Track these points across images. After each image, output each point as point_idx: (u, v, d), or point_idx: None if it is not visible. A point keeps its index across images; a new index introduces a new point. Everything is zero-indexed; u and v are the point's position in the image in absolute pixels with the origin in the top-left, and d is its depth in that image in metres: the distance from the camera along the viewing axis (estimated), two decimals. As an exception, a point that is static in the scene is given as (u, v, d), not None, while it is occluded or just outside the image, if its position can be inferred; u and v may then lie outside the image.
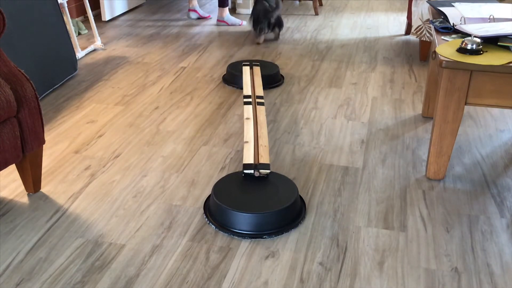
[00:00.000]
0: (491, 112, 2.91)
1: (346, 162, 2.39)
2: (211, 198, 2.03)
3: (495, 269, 1.74)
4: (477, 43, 2.04)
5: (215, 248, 1.82)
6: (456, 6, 2.59)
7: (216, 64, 3.63)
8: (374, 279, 1.69)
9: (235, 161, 2.39)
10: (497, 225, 1.96)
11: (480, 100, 2.07)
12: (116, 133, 2.63)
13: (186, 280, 1.68)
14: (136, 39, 4.16)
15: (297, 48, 3.99)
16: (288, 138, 2.60)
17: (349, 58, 3.77)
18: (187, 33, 4.36)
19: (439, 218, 2.00)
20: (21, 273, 1.69)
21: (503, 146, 2.55)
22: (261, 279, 1.68)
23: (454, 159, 2.41)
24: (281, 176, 2.12)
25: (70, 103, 2.95)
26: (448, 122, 2.13)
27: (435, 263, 1.76)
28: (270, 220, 1.90)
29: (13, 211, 2.00)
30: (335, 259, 1.78)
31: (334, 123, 2.77)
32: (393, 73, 3.49)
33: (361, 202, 2.10)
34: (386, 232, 1.92)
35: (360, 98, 3.09)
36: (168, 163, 2.37)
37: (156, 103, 2.99)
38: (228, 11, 4.61)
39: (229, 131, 2.67)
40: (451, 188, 2.20)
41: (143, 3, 5.31)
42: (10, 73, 1.92)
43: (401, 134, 2.65)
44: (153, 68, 3.54)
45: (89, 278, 1.68)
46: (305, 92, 3.16)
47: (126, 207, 2.05)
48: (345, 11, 5.17)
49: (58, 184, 2.18)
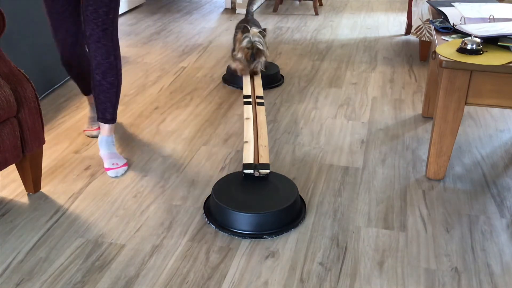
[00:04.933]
0: (491, 112, 2.91)
1: (346, 162, 2.39)
2: (211, 198, 2.03)
3: (495, 269, 1.74)
4: (477, 43, 2.04)
5: (215, 248, 1.82)
6: (456, 6, 2.59)
7: (216, 64, 3.63)
8: (374, 279, 1.69)
9: (235, 161, 2.39)
10: (497, 225, 1.96)
11: (480, 100, 2.07)
12: (116, 133, 2.63)
13: (186, 280, 1.68)
14: (136, 39, 4.16)
15: (297, 48, 3.99)
16: (288, 138, 2.60)
17: (349, 58, 3.77)
18: (187, 33, 4.36)
19: (439, 218, 2.00)
20: (21, 273, 1.69)
21: (503, 146, 2.55)
22: (261, 279, 1.68)
23: (454, 159, 2.41)
24: (281, 176, 2.12)
25: (70, 103, 2.95)
26: (448, 122, 2.13)
27: (435, 263, 1.76)
28: (270, 220, 1.90)
29: (13, 211, 2.00)
30: (335, 259, 1.78)
31: (334, 123, 2.77)
32: (393, 73, 3.49)
33: (361, 202, 2.10)
34: (386, 232, 1.92)
35: (360, 98, 3.09)
36: (168, 163, 2.37)
37: (156, 103, 2.99)
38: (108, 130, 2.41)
39: (229, 131, 2.67)
40: (451, 188, 2.20)
41: (143, 3, 5.31)
42: (10, 73, 1.92)
43: (401, 134, 2.65)
44: (153, 68, 3.54)
45: (89, 278, 1.68)
46: (305, 92, 3.16)
47: (126, 207, 2.05)
48: (345, 11, 5.18)
49: (58, 184, 2.18)
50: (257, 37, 3.03)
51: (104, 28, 2.11)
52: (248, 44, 3.02)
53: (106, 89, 2.20)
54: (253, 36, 3.03)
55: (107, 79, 2.18)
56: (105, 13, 2.09)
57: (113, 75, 2.19)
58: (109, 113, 2.27)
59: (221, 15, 4.96)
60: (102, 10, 2.09)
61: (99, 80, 2.18)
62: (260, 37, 3.05)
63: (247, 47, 3.02)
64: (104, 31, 2.11)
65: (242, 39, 3.05)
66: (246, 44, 3.02)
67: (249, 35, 3.03)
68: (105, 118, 2.28)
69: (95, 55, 2.14)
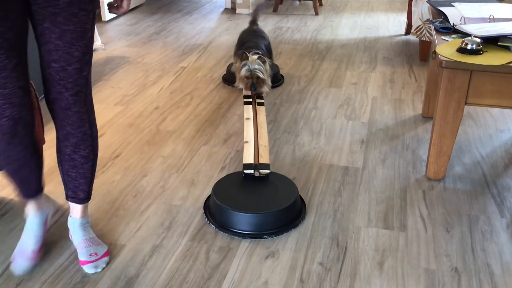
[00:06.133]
0: (491, 112, 2.91)
1: (346, 162, 2.39)
2: (211, 198, 2.03)
3: (495, 269, 1.74)
4: (477, 43, 2.03)
5: (215, 248, 1.82)
6: (456, 6, 2.59)
7: (216, 64, 3.63)
8: (374, 279, 1.69)
9: (235, 161, 2.39)
10: (497, 225, 1.96)
11: (480, 100, 2.07)
12: (116, 133, 2.63)
13: (186, 280, 1.68)
14: (136, 39, 4.16)
15: (297, 48, 3.99)
16: (288, 138, 2.60)
17: (349, 58, 3.77)
18: (187, 33, 4.36)
19: (439, 218, 2.00)
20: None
21: (503, 146, 2.55)
22: (261, 279, 1.68)
23: (454, 159, 2.41)
24: (281, 176, 2.12)
25: (70, 103, 2.95)
26: (448, 122, 2.13)
27: (435, 263, 1.76)
28: (270, 220, 1.90)
29: (13, 211, 2.00)
30: (335, 259, 1.78)
31: (334, 123, 2.77)
32: (393, 73, 3.49)
33: (361, 202, 2.10)
34: (386, 232, 1.92)
35: (360, 98, 3.09)
36: (168, 163, 2.37)
37: (156, 103, 2.99)
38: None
39: (229, 131, 2.67)
40: (451, 188, 2.20)
41: (143, 3, 5.31)
42: (10, 73, 1.91)
43: (401, 134, 2.65)
44: (153, 68, 3.54)
45: (89, 278, 1.68)
46: (305, 92, 3.16)
47: (126, 207, 2.05)
48: (345, 11, 5.17)
49: (58, 184, 2.18)
50: (256, 64, 2.70)
51: (76, 91, 1.57)
52: (247, 73, 2.70)
53: (79, 164, 1.68)
54: (252, 64, 2.70)
55: (80, 152, 1.66)
56: (77, 71, 1.55)
57: (88, 147, 1.67)
58: (83, 191, 1.74)
59: (221, 15, 4.96)
60: (73, 68, 1.54)
61: (69, 154, 1.67)
62: (261, 64, 2.71)
63: (246, 76, 2.71)
64: (76, 95, 1.57)
65: (241, 67, 2.73)
66: (245, 73, 2.70)
67: (248, 62, 2.70)
68: (77, 197, 1.75)
69: (63, 125, 1.62)
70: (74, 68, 1.54)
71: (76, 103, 1.59)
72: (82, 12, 1.49)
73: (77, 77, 1.55)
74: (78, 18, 1.49)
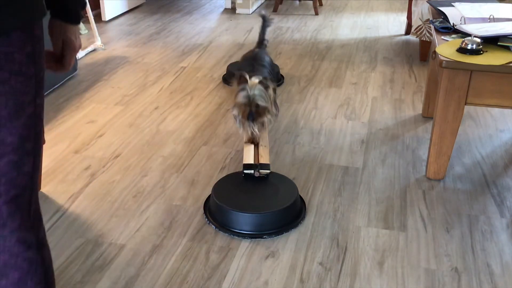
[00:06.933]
0: (491, 112, 2.91)
1: (346, 162, 2.38)
2: (211, 198, 2.02)
3: (495, 269, 1.74)
4: (477, 43, 2.03)
5: (215, 248, 1.82)
6: (456, 6, 2.59)
7: (216, 64, 3.63)
8: (374, 279, 1.69)
9: (235, 161, 2.39)
10: (497, 225, 1.96)
11: (480, 100, 2.07)
12: (116, 133, 2.63)
13: (186, 280, 1.68)
14: (136, 39, 4.16)
15: (297, 48, 3.99)
16: (288, 138, 2.60)
17: (349, 58, 3.77)
18: (187, 33, 4.36)
19: (439, 218, 2.00)
20: (21, 273, 1.69)
21: (503, 146, 2.55)
22: (261, 279, 1.68)
23: (454, 159, 2.41)
24: (281, 176, 2.12)
25: (70, 103, 2.95)
26: (448, 122, 2.13)
27: (435, 263, 1.76)
28: (270, 220, 1.90)
29: (13, 211, 2.00)
30: (335, 259, 1.78)
31: (334, 123, 2.77)
32: (393, 73, 3.49)
33: (361, 202, 2.10)
34: (386, 232, 1.92)
35: (360, 98, 3.09)
36: (168, 163, 2.37)
37: (156, 103, 2.99)
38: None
39: (229, 131, 2.67)
40: (451, 188, 2.20)
41: (143, 3, 5.31)
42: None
43: (401, 134, 2.65)
44: (153, 68, 3.54)
45: (89, 278, 1.68)
46: (305, 92, 3.16)
47: (126, 207, 2.05)
48: (345, 11, 5.17)
49: (58, 184, 2.18)
50: (257, 89, 2.22)
51: (11, 196, 1.03)
52: (245, 100, 2.23)
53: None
54: (252, 89, 2.22)
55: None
56: (13, 167, 1.02)
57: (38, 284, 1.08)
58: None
59: (221, 15, 4.96)
60: (6, 162, 1.01)
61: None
62: (262, 90, 2.23)
63: (244, 104, 2.24)
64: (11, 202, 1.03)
65: (238, 92, 2.26)
66: (243, 99, 2.23)
67: (247, 87, 2.22)
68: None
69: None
70: (8, 161, 1.01)
71: (14, 216, 1.03)
72: (17, 77, 0.99)
73: (14, 175, 1.02)
74: (9, 86, 0.98)
